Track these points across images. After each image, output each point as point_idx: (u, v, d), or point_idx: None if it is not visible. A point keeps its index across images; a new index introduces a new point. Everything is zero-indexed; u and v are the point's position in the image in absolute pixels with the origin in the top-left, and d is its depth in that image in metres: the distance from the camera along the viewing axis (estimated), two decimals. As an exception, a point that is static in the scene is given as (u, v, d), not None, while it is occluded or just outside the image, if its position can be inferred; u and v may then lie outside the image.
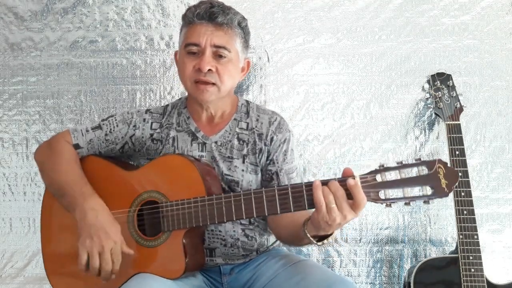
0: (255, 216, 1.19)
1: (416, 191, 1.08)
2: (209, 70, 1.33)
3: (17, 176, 1.87)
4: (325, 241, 1.17)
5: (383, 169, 1.10)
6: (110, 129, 1.45)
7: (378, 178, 1.09)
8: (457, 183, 1.08)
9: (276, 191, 1.16)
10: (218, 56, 1.35)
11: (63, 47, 1.87)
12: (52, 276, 1.40)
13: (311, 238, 1.16)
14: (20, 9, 1.86)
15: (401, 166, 1.09)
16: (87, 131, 1.44)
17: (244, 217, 1.20)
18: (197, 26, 1.35)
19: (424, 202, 1.09)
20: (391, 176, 1.09)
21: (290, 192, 1.15)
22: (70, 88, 1.87)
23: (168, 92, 1.86)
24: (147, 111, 1.49)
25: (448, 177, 1.06)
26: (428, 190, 1.07)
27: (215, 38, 1.33)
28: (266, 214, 1.18)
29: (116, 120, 1.46)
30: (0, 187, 1.87)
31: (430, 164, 1.07)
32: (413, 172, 1.08)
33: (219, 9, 1.34)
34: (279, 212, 1.17)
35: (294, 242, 1.33)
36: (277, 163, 1.43)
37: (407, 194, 1.08)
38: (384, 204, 1.10)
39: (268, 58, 1.85)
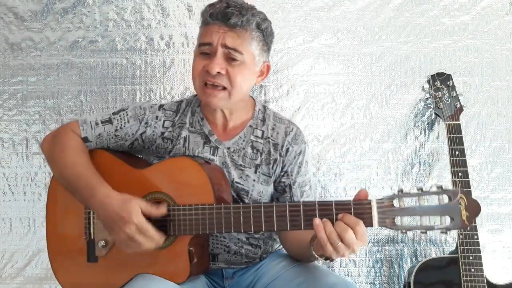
0: (263, 230, 1.16)
1: (434, 220, 1.04)
2: (218, 72, 1.28)
3: (17, 176, 1.87)
4: (334, 257, 1.13)
5: (401, 194, 1.05)
6: (121, 124, 1.39)
7: (396, 203, 1.05)
8: (478, 216, 1.03)
9: (287, 207, 1.12)
10: (230, 59, 1.29)
11: (63, 47, 1.87)
12: (57, 270, 1.38)
13: (318, 257, 1.14)
14: (20, 9, 1.86)
15: (421, 193, 1.04)
16: (96, 124, 1.38)
17: (253, 230, 1.16)
18: (211, 26, 1.29)
19: (442, 232, 1.05)
20: (409, 202, 1.05)
21: (301, 210, 1.11)
22: (70, 88, 1.87)
23: (168, 92, 1.86)
24: (161, 107, 1.43)
25: (469, 209, 1.03)
26: (447, 221, 1.03)
27: (228, 39, 1.27)
28: (275, 230, 1.15)
29: (127, 115, 1.40)
30: (0, 187, 1.87)
31: (452, 193, 1.03)
32: (433, 200, 1.04)
33: (235, 10, 1.27)
34: (288, 229, 1.13)
35: (301, 256, 1.30)
36: (291, 175, 1.40)
37: (424, 223, 1.04)
38: (399, 231, 1.07)
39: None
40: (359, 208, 1.05)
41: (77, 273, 1.35)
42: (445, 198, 1.04)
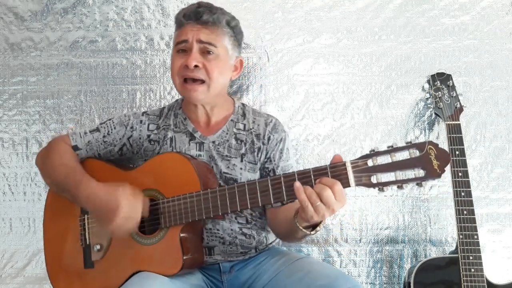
0: (249, 207, 1.20)
1: (408, 174, 1.08)
2: (196, 66, 1.36)
3: (17, 176, 1.87)
4: (318, 228, 1.18)
5: (374, 153, 1.10)
6: (108, 131, 1.48)
7: (370, 162, 1.09)
8: (449, 164, 1.07)
9: (269, 181, 1.17)
10: (206, 52, 1.37)
11: (63, 47, 1.87)
12: (53, 276, 1.40)
13: (303, 230, 1.18)
14: (20, 9, 1.86)
15: (392, 149, 1.09)
16: (85, 133, 1.47)
17: (239, 209, 1.21)
18: (186, 26, 1.39)
19: (417, 184, 1.08)
20: (383, 160, 1.09)
21: (283, 182, 1.15)
22: (70, 88, 1.87)
23: (168, 92, 1.86)
24: (144, 113, 1.52)
25: (439, 158, 1.06)
26: (420, 172, 1.07)
27: (202, 35, 1.37)
28: (260, 205, 1.19)
29: (113, 122, 1.49)
30: (0, 187, 1.87)
31: (420, 146, 1.07)
32: (405, 155, 1.08)
33: (205, 9, 1.39)
34: (272, 202, 1.17)
35: (290, 237, 1.33)
36: (274, 160, 1.46)
37: (399, 177, 1.07)
38: (377, 189, 1.10)
39: (268, 58, 1.85)
40: (335, 171, 1.10)
41: (75, 280, 1.36)
42: (415, 152, 1.07)
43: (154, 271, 1.25)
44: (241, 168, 1.44)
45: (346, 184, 1.10)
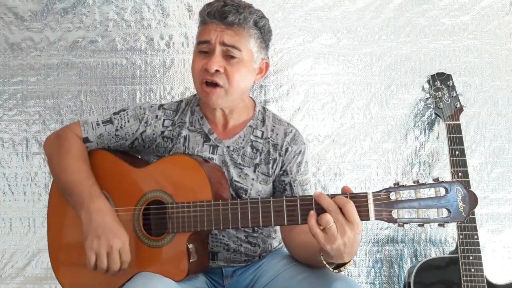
0: (261, 225, 1.16)
1: (431, 212, 1.04)
2: (217, 70, 1.29)
3: (17, 176, 1.87)
4: (342, 268, 1.11)
5: (398, 187, 1.05)
6: (121, 124, 1.41)
7: (392, 196, 1.05)
8: (475, 208, 1.02)
9: (284, 201, 1.12)
10: (228, 56, 1.30)
11: (63, 47, 1.86)
12: (57, 269, 1.39)
13: (327, 266, 1.12)
14: (20, 9, 1.86)
15: (417, 185, 1.04)
16: (97, 124, 1.40)
17: (250, 226, 1.17)
18: (209, 25, 1.31)
19: (439, 225, 1.04)
20: (406, 195, 1.04)
21: (298, 204, 1.10)
22: (70, 88, 1.87)
23: (168, 92, 1.86)
24: (160, 106, 1.44)
25: (466, 201, 1.02)
26: (444, 213, 1.03)
27: (225, 37, 1.28)
28: (273, 225, 1.15)
29: (127, 115, 1.42)
30: (0, 187, 1.87)
31: (448, 185, 1.03)
32: (430, 193, 1.04)
33: (232, 8, 1.29)
34: (286, 224, 1.13)
35: (309, 263, 1.27)
36: (291, 174, 1.40)
37: (421, 215, 1.03)
38: (397, 225, 1.06)
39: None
40: (355, 201, 1.05)
41: (78, 273, 1.35)
42: (442, 191, 1.04)
43: (158, 273, 1.22)
44: (253, 179, 1.38)
45: (365, 217, 1.05)
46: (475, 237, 1.60)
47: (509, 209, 1.86)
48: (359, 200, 1.06)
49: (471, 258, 1.59)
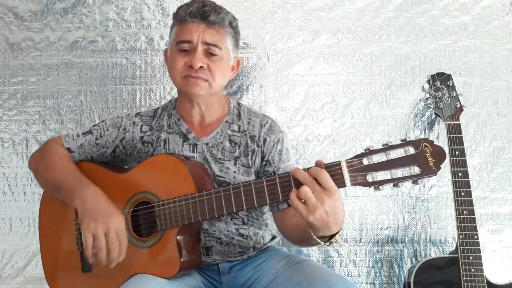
0: (245, 208, 1.18)
1: (404, 171, 1.07)
2: (201, 67, 1.34)
3: (17, 176, 1.87)
4: (333, 240, 1.14)
5: (369, 152, 1.09)
6: (101, 133, 1.47)
7: (365, 161, 1.08)
8: (445, 161, 1.05)
9: (264, 182, 1.15)
10: (209, 54, 1.36)
11: (63, 47, 1.87)
12: (51, 281, 1.40)
13: (317, 239, 1.14)
14: (20, 9, 1.86)
15: (387, 147, 1.08)
16: (78, 136, 1.46)
17: (235, 210, 1.19)
18: (189, 24, 1.36)
19: (413, 182, 1.07)
20: (378, 158, 1.08)
21: (278, 182, 1.13)
22: (70, 88, 1.87)
23: (168, 92, 1.86)
24: (137, 114, 1.50)
25: (435, 156, 1.05)
26: (416, 170, 1.05)
27: (207, 36, 1.35)
28: (256, 206, 1.18)
29: (106, 124, 1.48)
30: (0, 187, 1.87)
31: (416, 143, 1.06)
32: (400, 153, 1.07)
33: (211, 8, 1.36)
34: (268, 203, 1.16)
35: (303, 243, 1.32)
36: (274, 163, 1.43)
37: (394, 175, 1.06)
38: (373, 188, 1.08)
39: (268, 58, 1.85)
40: (330, 170, 1.07)
41: (73, 285, 1.35)
42: (411, 149, 1.06)
43: (152, 273, 1.23)
44: (234, 172, 1.41)
45: (341, 184, 1.08)
46: (475, 237, 1.60)
47: (509, 209, 1.86)
48: (334, 169, 1.08)
49: (471, 258, 1.59)
